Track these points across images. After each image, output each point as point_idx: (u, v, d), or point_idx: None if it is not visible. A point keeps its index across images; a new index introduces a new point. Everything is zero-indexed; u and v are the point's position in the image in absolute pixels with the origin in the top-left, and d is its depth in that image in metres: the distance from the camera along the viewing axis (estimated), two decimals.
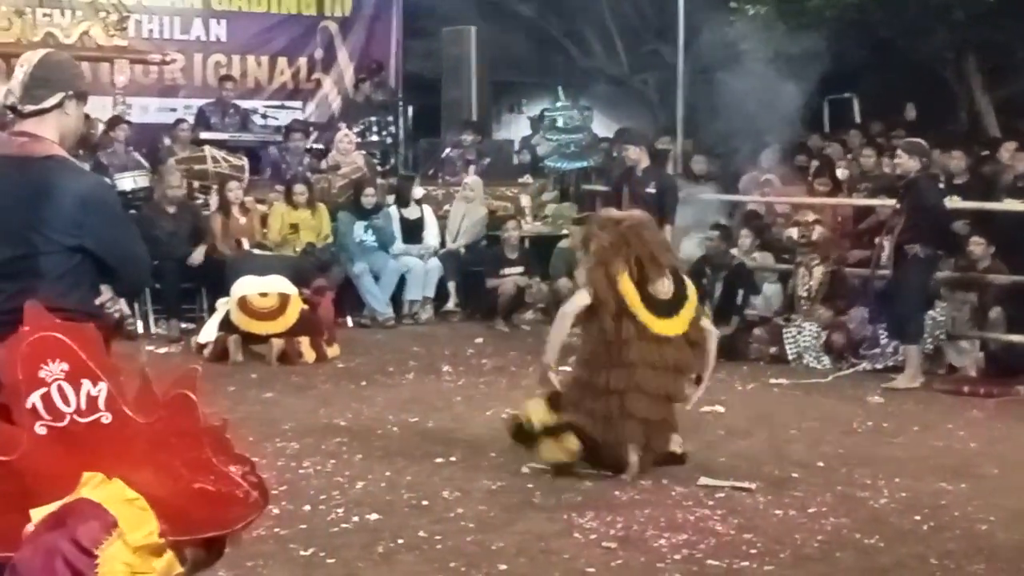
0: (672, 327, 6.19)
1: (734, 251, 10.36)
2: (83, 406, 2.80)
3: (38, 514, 2.77)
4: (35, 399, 2.79)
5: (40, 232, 3.38)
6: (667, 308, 6.19)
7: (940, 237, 9.03)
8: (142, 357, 2.75)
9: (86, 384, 2.81)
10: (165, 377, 2.94)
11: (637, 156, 9.79)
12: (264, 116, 14.07)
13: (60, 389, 2.79)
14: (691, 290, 6.37)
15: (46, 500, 2.80)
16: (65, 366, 2.80)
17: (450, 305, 11.74)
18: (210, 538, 2.94)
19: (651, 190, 9.52)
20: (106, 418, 2.82)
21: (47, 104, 3.49)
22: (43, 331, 2.87)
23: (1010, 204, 9.86)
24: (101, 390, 2.82)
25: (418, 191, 11.89)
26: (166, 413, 2.88)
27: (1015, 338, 9.17)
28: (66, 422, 2.80)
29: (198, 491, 2.83)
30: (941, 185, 9.83)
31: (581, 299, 6.23)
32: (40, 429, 2.80)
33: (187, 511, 2.83)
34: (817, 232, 9.89)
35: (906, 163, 8.84)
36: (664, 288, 6.21)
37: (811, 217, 10.08)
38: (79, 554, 2.70)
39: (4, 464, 2.81)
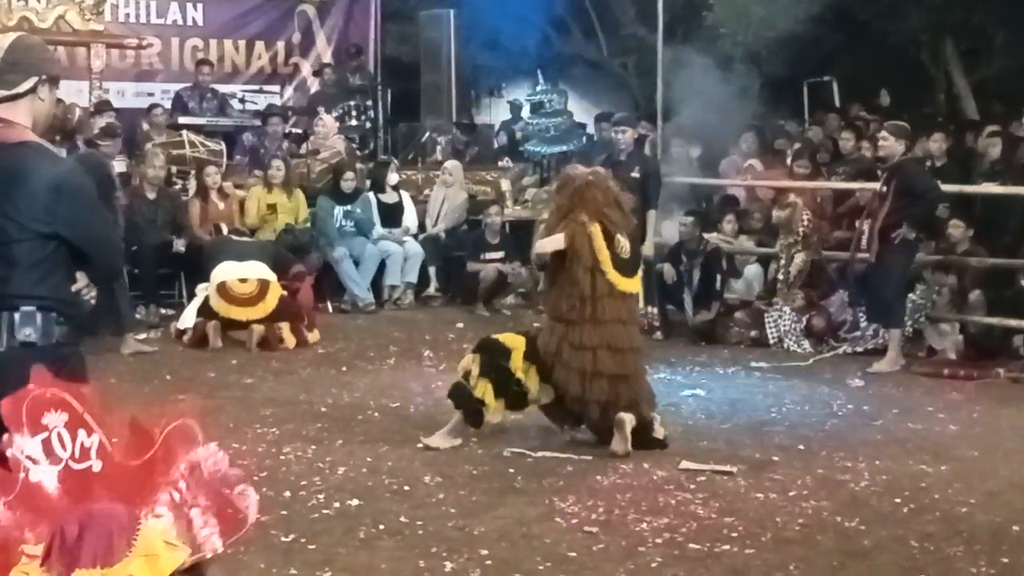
0: (634, 284, 6.46)
1: (710, 236, 10.37)
2: (77, 454, 2.95)
3: (30, 549, 2.88)
4: (36, 444, 2.93)
5: (13, 219, 3.33)
6: (629, 266, 6.39)
7: (928, 221, 9.06)
8: (131, 415, 2.87)
9: (81, 434, 2.95)
10: (164, 414, 3.02)
11: (631, 139, 9.81)
12: (242, 101, 13.98)
13: (59, 435, 2.94)
14: (641, 249, 6.73)
15: (33, 540, 2.90)
16: (65, 416, 2.95)
17: (431, 290, 11.72)
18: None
19: (635, 175, 9.52)
20: (96, 466, 2.97)
21: (20, 89, 3.44)
22: (48, 387, 3.02)
23: (988, 187, 9.89)
24: (94, 442, 2.96)
25: (393, 177, 11.82)
26: (160, 448, 2.99)
27: (994, 321, 9.20)
28: (60, 466, 2.95)
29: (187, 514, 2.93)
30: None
31: (555, 243, 6.31)
32: (34, 476, 2.93)
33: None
34: (805, 220, 9.86)
35: (892, 146, 8.82)
36: (625, 247, 6.36)
37: (799, 201, 10.03)
38: (124, 516, 2.81)
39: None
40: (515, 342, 6.40)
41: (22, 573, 2.83)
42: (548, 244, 6.36)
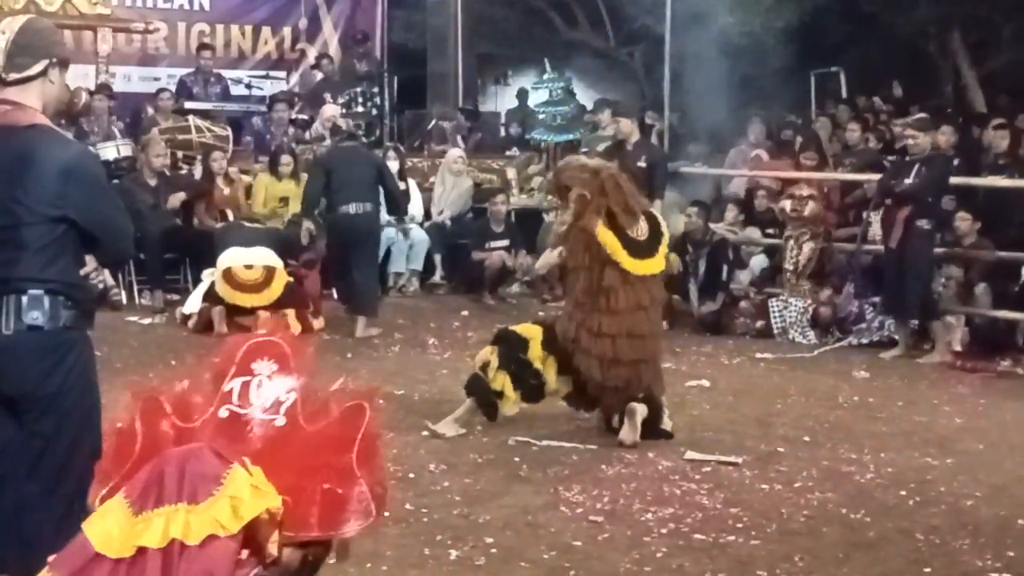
0: (653, 266, 6.39)
1: (716, 226, 10.35)
2: (268, 404, 3.06)
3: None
4: (235, 384, 3.06)
5: (23, 203, 3.32)
6: (646, 248, 6.34)
7: (944, 217, 9.16)
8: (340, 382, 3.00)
9: (282, 387, 3.07)
10: (349, 391, 3.14)
11: (629, 129, 9.77)
12: (248, 86, 13.96)
13: (260, 383, 3.06)
14: (663, 225, 6.57)
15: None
16: (275, 367, 3.09)
17: (436, 278, 11.70)
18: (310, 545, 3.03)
19: (642, 164, 9.49)
20: (280, 421, 3.06)
21: (31, 72, 3.43)
22: (274, 336, 3.18)
23: (995, 180, 9.87)
24: (289, 399, 3.07)
25: (393, 164, 11.77)
26: (335, 421, 3.08)
27: (1000, 314, 9.19)
28: (247, 411, 3.06)
29: (325, 492, 2.97)
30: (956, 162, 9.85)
31: (551, 258, 6.51)
32: (223, 412, 3.05)
33: (306, 511, 2.96)
34: (810, 207, 9.85)
35: (923, 140, 8.91)
36: (641, 230, 6.34)
37: (806, 191, 10.02)
38: (216, 458, 2.86)
39: (180, 430, 3.03)
40: (532, 332, 6.41)
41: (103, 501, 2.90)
42: (546, 261, 6.59)
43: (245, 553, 2.84)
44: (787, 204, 9.99)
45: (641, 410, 6.22)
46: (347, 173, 9.31)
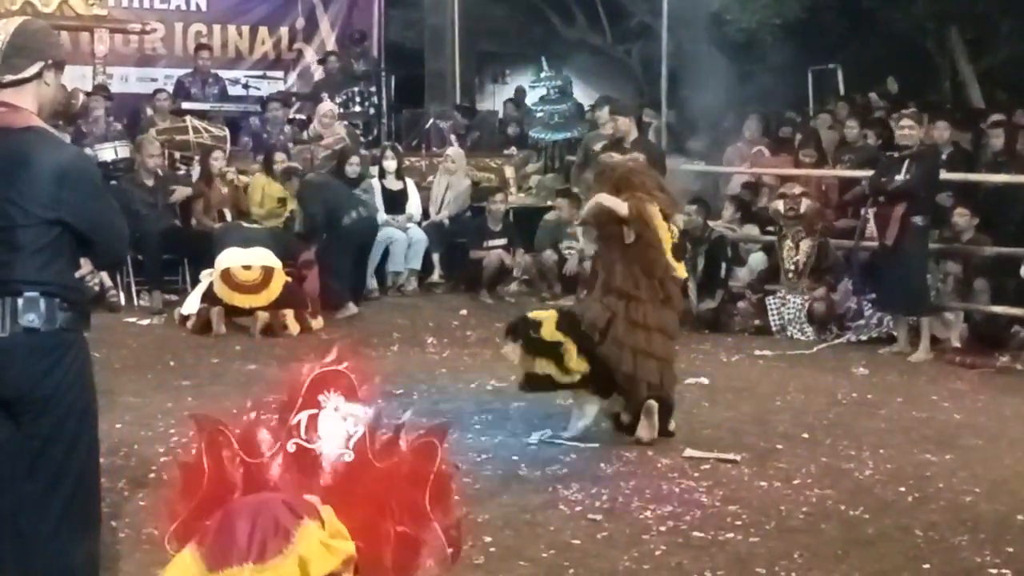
0: (682, 270, 6.40)
1: (714, 224, 10.35)
2: (336, 438, 3.06)
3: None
4: (303, 416, 3.06)
5: (18, 205, 3.31)
6: (678, 251, 6.36)
7: (938, 211, 9.13)
8: (407, 414, 2.95)
9: (349, 421, 3.06)
10: (419, 425, 3.13)
11: (627, 127, 9.78)
12: (246, 87, 13.95)
13: (327, 416, 3.06)
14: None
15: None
16: (341, 398, 3.08)
17: (434, 277, 11.70)
18: None
19: None
20: (348, 456, 3.05)
21: (27, 74, 3.42)
22: (339, 365, 3.18)
23: (993, 176, 9.87)
24: (357, 432, 3.06)
25: (390, 163, 11.77)
26: (407, 457, 3.07)
27: (999, 309, 9.19)
28: (315, 444, 3.05)
29: (399, 534, 2.97)
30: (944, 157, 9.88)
31: (617, 205, 6.11)
32: (291, 446, 3.05)
33: (380, 553, 2.95)
34: (804, 205, 9.86)
35: (917, 133, 8.91)
36: (675, 231, 6.34)
37: (798, 189, 10.03)
38: (287, 512, 2.85)
39: (247, 465, 3.03)
40: (544, 315, 6.32)
41: (179, 547, 2.89)
42: (610, 203, 6.14)
43: None
44: (780, 205, 9.99)
45: (657, 407, 6.19)
46: (336, 190, 10.51)
